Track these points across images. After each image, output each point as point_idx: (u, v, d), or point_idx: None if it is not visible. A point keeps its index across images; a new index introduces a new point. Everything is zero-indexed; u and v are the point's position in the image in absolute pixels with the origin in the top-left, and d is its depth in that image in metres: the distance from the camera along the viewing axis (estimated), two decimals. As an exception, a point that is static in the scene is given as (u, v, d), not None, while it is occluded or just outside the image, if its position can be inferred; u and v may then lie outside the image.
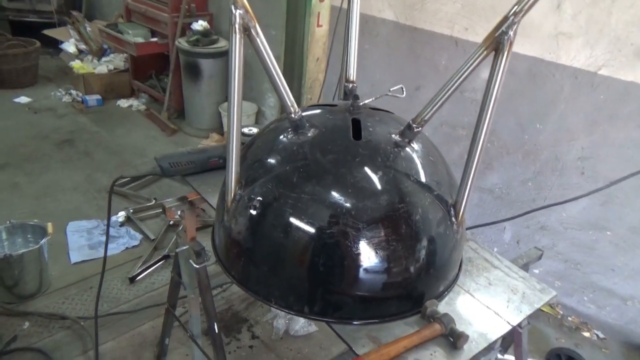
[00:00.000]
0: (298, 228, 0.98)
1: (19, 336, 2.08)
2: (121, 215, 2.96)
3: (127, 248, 2.76)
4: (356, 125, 1.09)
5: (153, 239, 2.81)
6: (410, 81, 2.94)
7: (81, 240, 2.77)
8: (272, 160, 1.08)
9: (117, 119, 4.32)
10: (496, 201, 2.79)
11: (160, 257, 2.64)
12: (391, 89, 1.24)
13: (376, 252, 0.97)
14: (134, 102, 4.64)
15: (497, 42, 0.93)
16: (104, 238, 2.82)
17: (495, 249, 2.82)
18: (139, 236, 2.86)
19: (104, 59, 4.83)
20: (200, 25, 3.88)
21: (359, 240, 0.96)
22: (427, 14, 2.75)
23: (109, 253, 2.63)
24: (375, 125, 1.10)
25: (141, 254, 2.71)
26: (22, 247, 2.37)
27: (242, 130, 1.69)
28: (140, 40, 4.11)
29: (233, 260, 1.12)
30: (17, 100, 4.52)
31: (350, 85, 1.28)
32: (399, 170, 1.03)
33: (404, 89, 1.27)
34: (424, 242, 1.02)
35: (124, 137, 3.96)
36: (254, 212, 1.04)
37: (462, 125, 2.81)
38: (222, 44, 3.91)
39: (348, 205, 0.97)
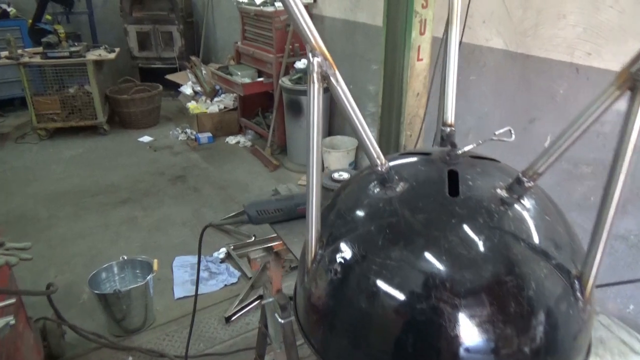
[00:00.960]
0: (382, 300, 0.85)
1: (123, 370, 2.17)
2: (222, 252, 3.03)
3: (225, 285, 2.80)
4: (453, 178, 0.94)
5: (250, 277, 2.82)
6: (523, 113, 2.67)
7: (185, 275, 2.87)
8: (355, 218, 0.97)
9: (225, 155, 4.54)
10: (631, 250, 2.38)
11: (255, 297, 2.63)
12: (497, 132, 1.07)
13: (477, 336, 0.80)
14: (241, 139, 4.85)
15: (633, 80, 0.73)
16: (205, 274, 2.92)
17: (632, 307, 2.39)
18: (237, 273, 2.89)
19: (216, 99, 5.15)
20: (303, 63, 3.96)
21: (456, 319, 0.80)
22: (541, 40, 2.49)
23: (208, 290, 2.69)
24: (476, 178, 0.94)
25: (239, 291, 2.73)
26: (131, 282, 2.50)
27: (333, 175, 1.61)
28: (247, 80, 4.31)
29: (313, 327, 1.02)
30: (140, 139, 4.97)
31: (448, 130, 1.13)
32: (505, 233, 0.86)
33: (512, 132, 1.10)
34: (540, 324, 0.82)
35: (230, 172, 4.13)
36: (334, 277, 0.93)
37: (586, 162, 2.46)
38: (323, 80, 3.94)
39: (442, 275, 0.82)
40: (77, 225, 3.38)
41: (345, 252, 0.93)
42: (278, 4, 4.08)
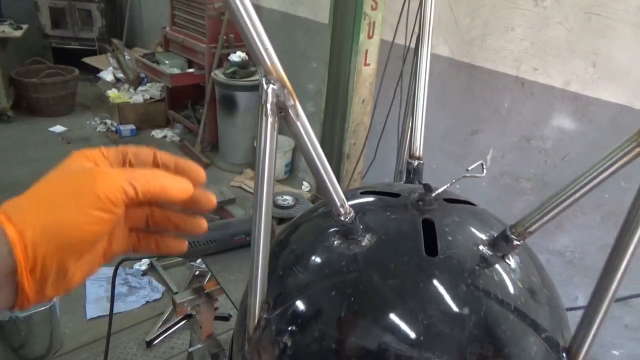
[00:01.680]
0: (346, 391, 0.68)
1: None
2: (144, 263, 2.74)
3: (147, 302, 2.52)
4: (429, 230, 0.79)
5: (176, 292, 2.56)
6: (466, 124, 2.62)
7: (100, 290, 2.56)
8: (311, 277, 0.78)
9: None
10: (567, 266, 2.40)
11: (181, 317, 2.38)
12: (469, 168, 0.93)
13: None
14: (168, 133, 4.50)
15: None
16: (124, 289, 2.61)
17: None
18: (161, 288, 2.62)
19: (140, 88, 4.73)
20: (238, 56, 3.70)
21: (436, 417, 0.65)
22: (488, 51, 2.43)
23: (127, 307, 2.41)
24: (455, 231, 0.79)
25: (163, 309, 2.47)
26: (33, 303, 2.16)
27: (276, 199, 1.41)
28: (176, 71, 3.97)
29: (254, 406, 0.83)
30: (52, 129, 4.46)
31: (416, 163, 0.98)
32: (492, 303, 0.71)
33: (484, 166, 0.97)
34: (530, 414, 0.69)
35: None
36: (283, 353, 0.75)
37: (527, 177, 2.45)
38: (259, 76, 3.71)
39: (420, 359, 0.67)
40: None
41: (298, 322, 0.75)
42: (212, -11, 3.78)
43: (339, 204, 0.75)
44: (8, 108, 4.41)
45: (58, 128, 4.45)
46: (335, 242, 0.79)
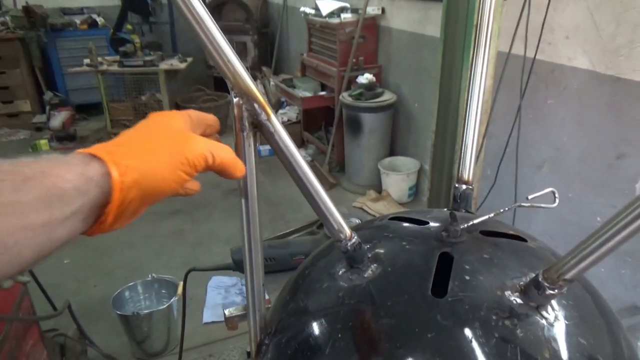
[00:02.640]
0: None
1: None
2: (259, 276, 2.87)
3: (257, 313, 2.63)
4: (445, 266, 0.67)
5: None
6: (610, 147, 2.23)
7: (218, 298, 2.75)
8: (308, 306, 0.72)
9: (283, 170, 4.39)
10: None
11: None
12: (531, 196, 0.78)
13: None
14: (302, 153, 4.70)
15: None
16: (238, 298, 2.77)
17: None
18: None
19: (280, 111, 5.06)
20: (365, 78, 3.73)
21: None
22: (637, 60, 2.05)
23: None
24: (478, 270, 0.66)
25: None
26: (157, 302, 2.41)
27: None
28: (307, 94, 4.16)
29: None
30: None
31: (464, 188, 0.85)
32: (508, 364, 0.57)
33: (556, 195, 0.80)
34: None
35: (284, 189, 3.98)
36: (271, 384, 0.70)
37: None
38: (386, 97, 3.69)
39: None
40: (126, 234, 3.40)
41: (288, 353, 0.69)
42: (344, 15, 3.89)
43: (335, 227, 0.68)
44: (173, 130, 5.09)
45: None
46: (340, 271, 0.72)
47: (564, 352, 0.59)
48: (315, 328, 0.68)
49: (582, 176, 2.38)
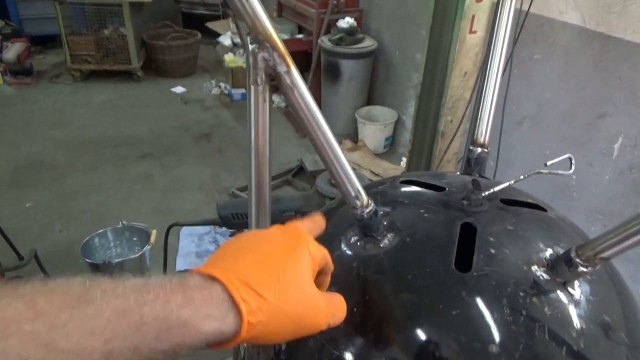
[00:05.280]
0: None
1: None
2: (233, 224, 2.82)
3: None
4: (468, 238, 0.63)
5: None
6: (593, 106, 2.22)
7: (191, 246, 2.69)
8: (318, 276, 0.68)
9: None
10: None
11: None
12: (549, 162, 0.74)
13: None
14: (275, 99, 4.55)
15: None
16: (212, 247, 2.72)
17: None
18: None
19: (254, 53, 4.83)
20: (346, 22, 3.56)
21: None
22: (630, 19, 2.00)
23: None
24: (503, 242, 0.62)
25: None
26: (128, 250, 2.34)
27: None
28: (284, 36, 3.96)
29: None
30: (173, 89, 4.77)
31: (479, 151, 0.80)
32: (534, 343, 0.54)
33: (572, 161, 0.76)
34: None
35: (258, 135, 3.87)
36: (277, 355, 0.66)
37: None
38: (367, 43, 3.56)
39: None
40: (93, 178, 3.25)
41: (296, 325, 0.65)
42: (326, -48, 3.65)
43: (352, 194, 0.62)
44: (138, 68, 4.80)
45: (179, 89, 4.75)
46: (353, 239, 0.67)
47: (589, 329, 0.57)
48: (327, 300, 0.63)
49: (562, 134, 2.38)
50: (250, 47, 0.51)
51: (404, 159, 3.57)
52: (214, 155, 3.60)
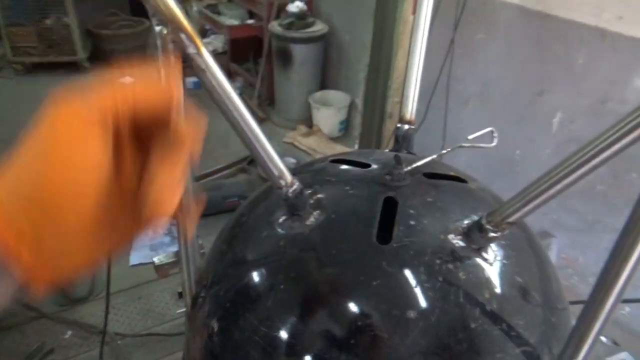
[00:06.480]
0: (259, 393, 0.59)
1: (58, 347, 1.98)
2: (189, 215, 2.79)
3: (188, 253, 2.58)
4: (390, 211, 0.65)
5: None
6: (534, 84, 2.31)
7: (145, 239, 2.64)
8: (246, 256, 0.69)
9: (209, 103, 4.20)
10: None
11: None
12: (470, 137, 0.77)
13: None
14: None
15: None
16: (166, 239, 2.69)
17: (627, 310, 2.13)
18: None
19: (205, 40, 4.74)
20: (296, 6, 3.54)
21: None
22: (565, -3, 2.09)
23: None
24: (423, 214, 0.65)
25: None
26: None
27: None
28: (234, 22, 3.90)
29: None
30: (122, 80, 4.62)
31: (406, 128, 0.82)
32: (450, 307, 0.57)
33: (495, 134, 0.80)
34: None
35: (212, 123, 3.70)
36: (209, 340, 0.67)
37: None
38: (317, 27, 3.55)
39: (348, 367, 0.55)
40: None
41: (227, 306, 0.66)
42: None
43: (276, 173, 0.63)
44: (85, 59, 4.63)
45: (128, 79, 4.60)
46: (280, 219, 0.68)
47: (502, 291, 0.61)
48: (256, 279, 0.64)
49: (506, 111, 2.47)
50: (157, 29, 0.51)
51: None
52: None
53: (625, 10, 1.89)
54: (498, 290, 0.61)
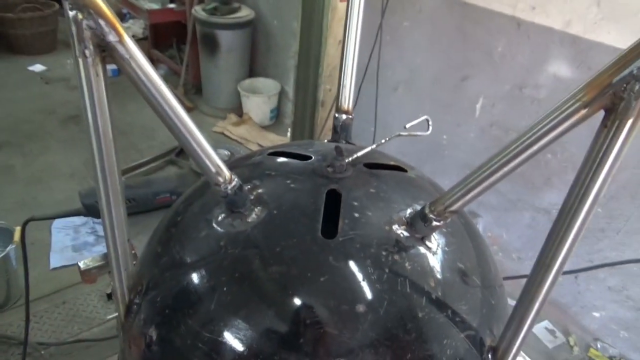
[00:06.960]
0: (205, 403, 0.56)
1: (-29, 363, 1.81)
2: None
3: (115, 252, 2.43)
4: (334, 204, 0.64)
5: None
6: (457, 70, 2.39)
7: (66, 239, 2.47)
8: (185, 259, 0.64)
9: (131, 93, 3.91)
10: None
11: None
12: (407, 126, 0.77)
13: None
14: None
15: (613, 97, 0.43)
16: (90, 238, 2.52)
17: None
18: (130, 237, 2.53)
19: (123, 25, 4.46)
20: (221, -10, 3.42)
21: None
22: (482, -14, 2.17)
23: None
24: (366, 206, 0.64)
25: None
26: (-12, 252, 2.08)
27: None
28: (154, 6, 3.70)
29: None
30: (31, 68, 4.25)
31: (344, 117, 0.81)
32: (397, 298, 0.57)
33: (429, 123, 0.81)
34: None
35: (135, 114, 3.61)
36: (147, 349, 0.62)
37: (517, 129, 2.25)
38: (243, 13, 3.45)
39: (298, 366, 0.54)
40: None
41: (165, 312, 0.62)
42: None
43: (213, 169, 0.59)
44: (-15, 45, 4.20)
45: (37, 67, 4.24)
46: (220, 217, 0.65)
47: (445, 278, 0.62)
48: (196, 282, 0.60)
49: (433, 97, 2.54)
50: (71, 14, 0.45)
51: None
52: (85, 140, 3.29)
53: (539, 0, 2.00)
54: (441, 277, 0.61)
